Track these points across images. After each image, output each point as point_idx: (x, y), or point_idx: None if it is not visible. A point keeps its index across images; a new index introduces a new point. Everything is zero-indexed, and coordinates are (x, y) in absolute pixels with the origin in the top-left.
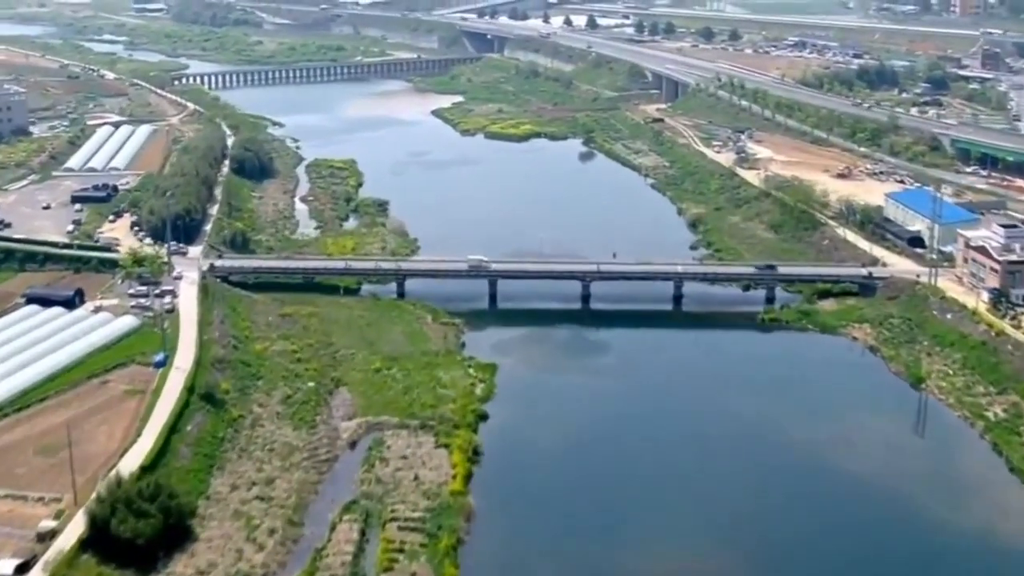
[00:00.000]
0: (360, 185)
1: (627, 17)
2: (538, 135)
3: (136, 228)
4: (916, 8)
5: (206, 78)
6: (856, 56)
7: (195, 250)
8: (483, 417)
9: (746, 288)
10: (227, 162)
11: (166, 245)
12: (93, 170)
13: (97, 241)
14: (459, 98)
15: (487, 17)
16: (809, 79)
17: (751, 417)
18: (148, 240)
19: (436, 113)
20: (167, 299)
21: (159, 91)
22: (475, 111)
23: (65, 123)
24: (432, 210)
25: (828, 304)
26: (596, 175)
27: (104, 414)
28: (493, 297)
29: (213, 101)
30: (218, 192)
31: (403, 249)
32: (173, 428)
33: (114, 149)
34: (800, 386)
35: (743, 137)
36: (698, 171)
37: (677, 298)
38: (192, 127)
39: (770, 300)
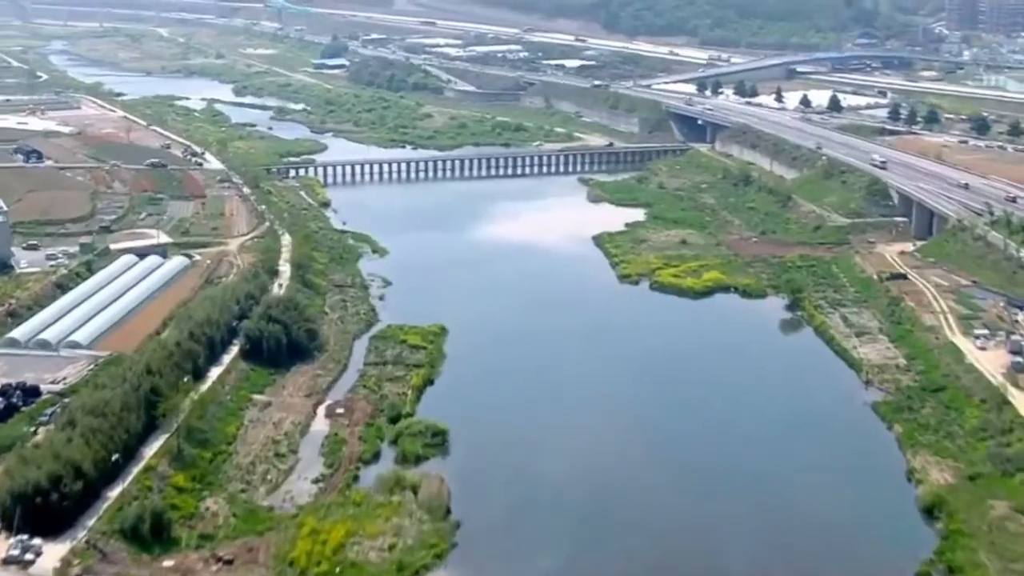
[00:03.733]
0: (430, 382)
1: (884, 95)
2: (726, 288)
3: None
4: None
5: (330, 169)
6: None
7: (59, 550)
8: None
9: None
10: (237, 341)
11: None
12: (45, 345)
13: None
14: (640, 213)
15: (707, 92)
16: None
17: None
18: None
19: (598, 241)
20: None
21: (245, 192)
22: (650, 240)
23: (76, 248)
24: (514, 443)
25: None
26: (791, 373)
27: None
28: None
29: (314, 208)
30: (187, 403)
31: (424, 556)
32: None
33: (102, 303)
34: None
35: (1022, 319)
36: (948, 383)
37: None
38: (251, 256)
39: None
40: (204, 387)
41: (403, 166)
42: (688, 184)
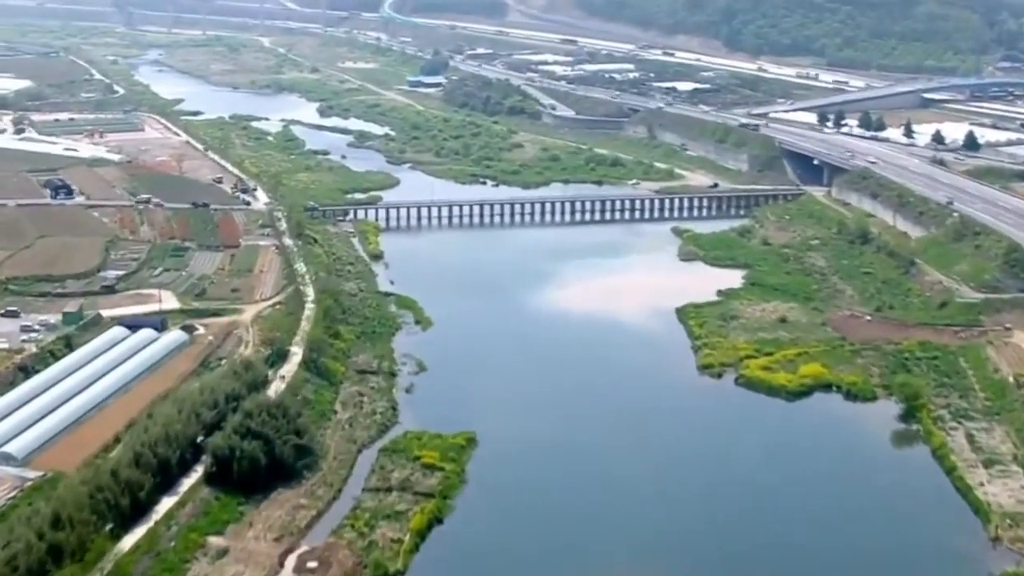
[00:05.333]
0: (438, 521)
1: None
2: (827, 386)
3: None
4: None
5: (392, 212)
6: None
7: None
8: None
9: None
10: (202, 460)
11: None
12: None
13: None
14: (736, 277)
15: (828, 125)
16: None
17: None
18: None
19: (681, 315)
20: None
21: (286, 242)
22: (743, 316)
23: (58, 317)
24: None
25: None
26: (895, 517)
27: None
28: None
29: (362, 262)
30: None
31: None
32: None
33: (62, 397)
34: None
35: None
36: None
37: None
38: (265, 329)
39: None
40: (142, 530)
41: (474, 209)
42: (797, 239)
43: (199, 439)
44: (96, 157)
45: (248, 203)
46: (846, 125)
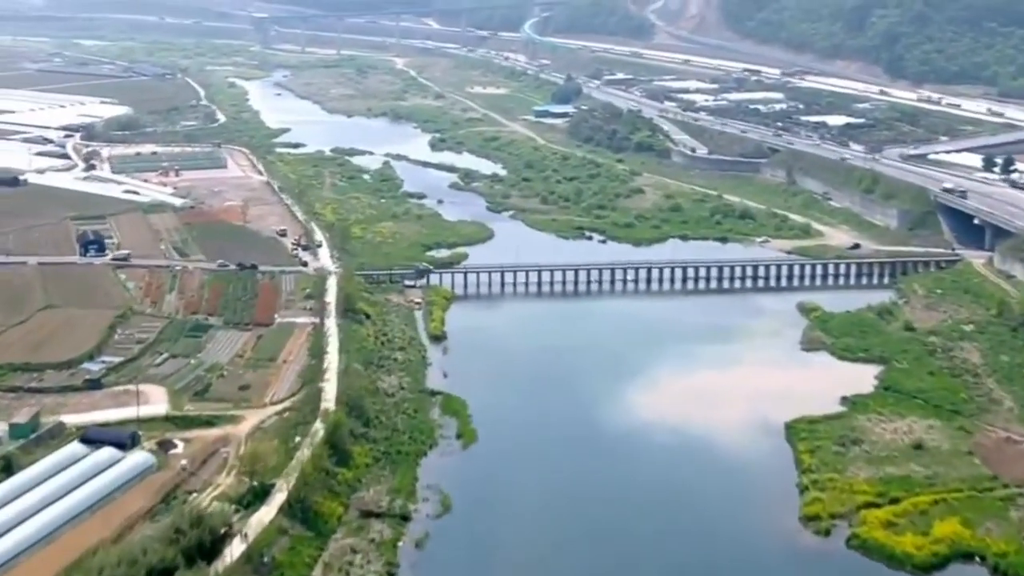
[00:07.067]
0: None
1: None
2: (967, 555)
3: None
4: None
5: (472, 277)
6: None
7: None
8: None
9: None
10: None
11: None
12: None
13: None
14: (869, 376)
15: (994, 171)
16: None
17: None
18: None
19: (791, 435)
20: None
21: (328, 320)
22: (870, 438)
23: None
24: None
25: None
26: None
27: None
28: None
29: (416, 345)
30: None
31: None
32: None
33: None
34: None
35: None
36: None
37: None
38: (264, 443)
39: None
40: None
41: (566, 275)
42: (947, 323)
43: None
44: (155, 202)
45: (305, 264)
46: (1016, 171)
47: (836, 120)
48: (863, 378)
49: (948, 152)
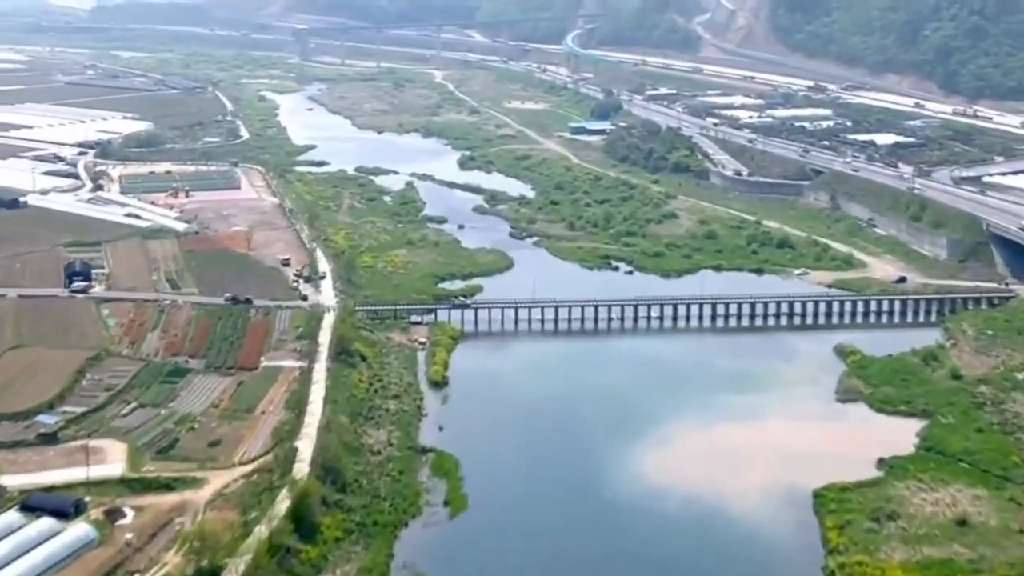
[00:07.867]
0: None
1: None
2: None
3: None
4: None
5: (483, 313)
6: None
7: None
8: None
9: None
10: None
11: None
12: None
13: None
14: (910, 433)
15: None
16: None
17: None
18: None
19: (819, 504)
20: None
21: (317, 364)
22: (908, 512)
23: None
24: None
25: None
26: None
27: None
28: None
29: (412, 393)
30: None
31: None
32: None
33: None
34: None
35: None
36: None
37: None
38: (226, 513)
39: None
40: None
41: (585, 312)
42: (999, 371)
43: None
44: (156, 227)
45: (305, 297)
46: None
47: (885, 139)
48: (903, 435)
49: (1004, 174)
